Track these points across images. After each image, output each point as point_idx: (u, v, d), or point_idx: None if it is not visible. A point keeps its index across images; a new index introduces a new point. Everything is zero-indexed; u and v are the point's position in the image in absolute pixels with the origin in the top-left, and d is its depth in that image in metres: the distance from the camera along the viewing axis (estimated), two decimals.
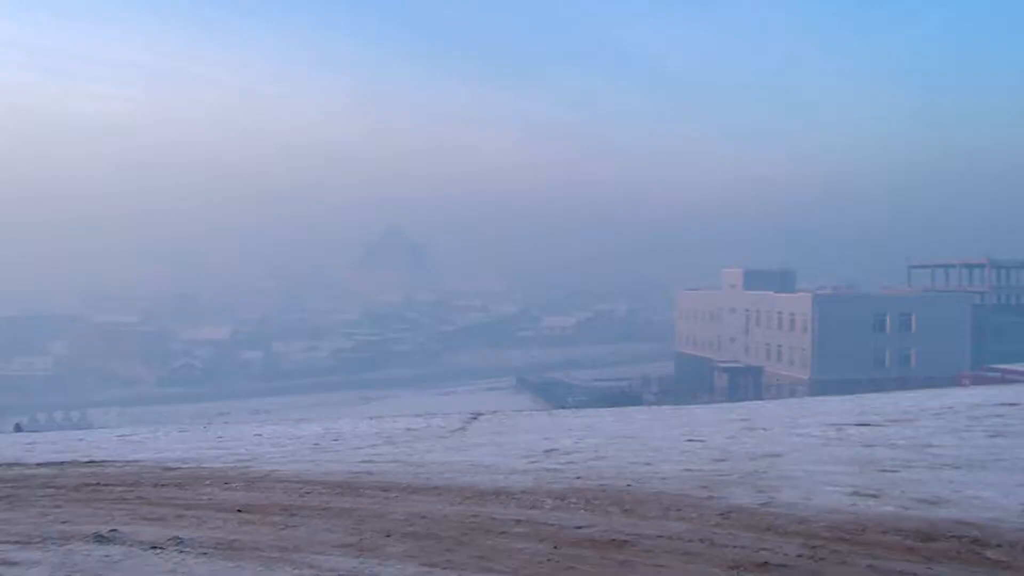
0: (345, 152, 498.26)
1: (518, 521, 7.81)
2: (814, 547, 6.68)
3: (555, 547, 6.95)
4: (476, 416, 18.72)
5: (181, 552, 7.19)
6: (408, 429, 16.55)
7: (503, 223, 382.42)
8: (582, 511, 8.11)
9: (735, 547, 6.75)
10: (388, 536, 7.50)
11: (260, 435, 16.82)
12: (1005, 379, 60.55)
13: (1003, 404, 15.70)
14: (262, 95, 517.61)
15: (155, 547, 7.33)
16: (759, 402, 27.01)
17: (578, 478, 9.78)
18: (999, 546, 6.55)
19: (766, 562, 6.37)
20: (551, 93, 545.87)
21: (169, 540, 7.54)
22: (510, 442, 13.70)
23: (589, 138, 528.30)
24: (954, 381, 67.25)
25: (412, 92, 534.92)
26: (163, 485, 10.70)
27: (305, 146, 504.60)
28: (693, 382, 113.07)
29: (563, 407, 49.77)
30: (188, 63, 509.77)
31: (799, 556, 6.48)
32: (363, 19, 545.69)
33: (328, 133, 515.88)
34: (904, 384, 57.64)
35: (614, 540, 7.06)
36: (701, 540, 6.95)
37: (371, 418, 20.04)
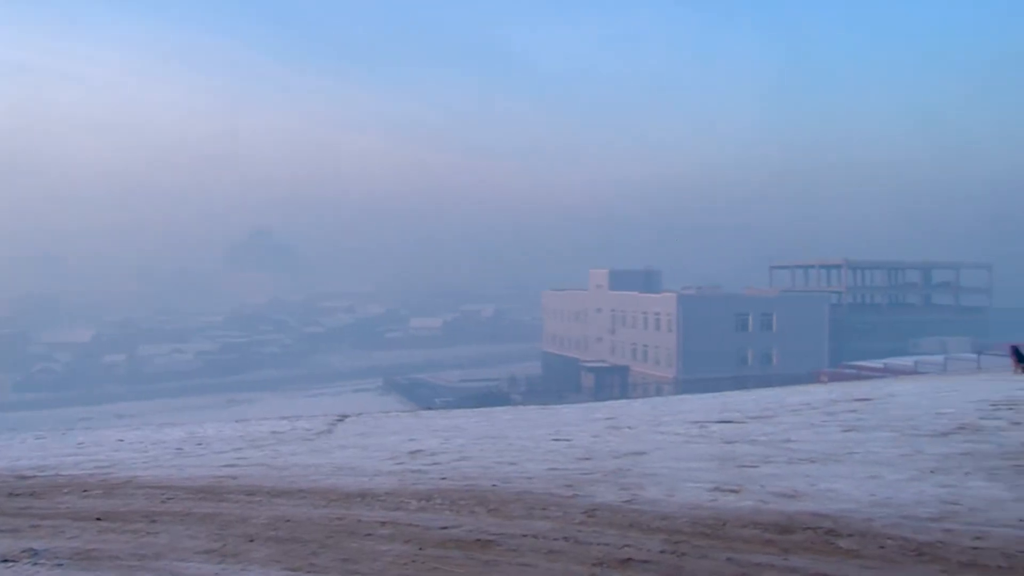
0: (211, 151, 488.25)
1: (383, 523, 7.77)
2: (676, 542, 6.78)
3: (420, 548, 6.93)
4: (342, 418, 18.56)
5: (35, 564, 6.97)
6: (273, 432, 16.34)
7: (372, 224, 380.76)
8: (447, 512, 8.10)
9: (599, 544, 6.81)
10: (251, 541, 7.39)
11: (122, 440, 16.41)
12: (861, 375, 62.21)
13: (857, 400, 16.14)
14: (124, 91, 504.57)
15: (6, 560, 7.09)
16: (624, 401, 27.28)
17: (443, 479, 9.77)
18: (851, 536, 6.75)
19: (629, 558, 6.44)
20: (422, 94, 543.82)
21: (23, 552, 7.31)
22: (376, 444, 13.62)
23: (459, 139, 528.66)
24: (813, 378, 68.90)
25: (281, 92, 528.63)
26: (17, 495, 10.35)
27: (170, 144, 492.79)
28: (560, 382, 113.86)
29: (430, 408, 49.69)
30: (46, 57, 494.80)
31: (662, 552, 6.57)
32: (229, 16, 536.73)
33: (193, 131, 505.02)
34: (766, 382, 58.81)
35: (479, 540, 7.07)
36: (565, 538, 7.00)
37: (236, 421, 19.72)
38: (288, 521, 8.02)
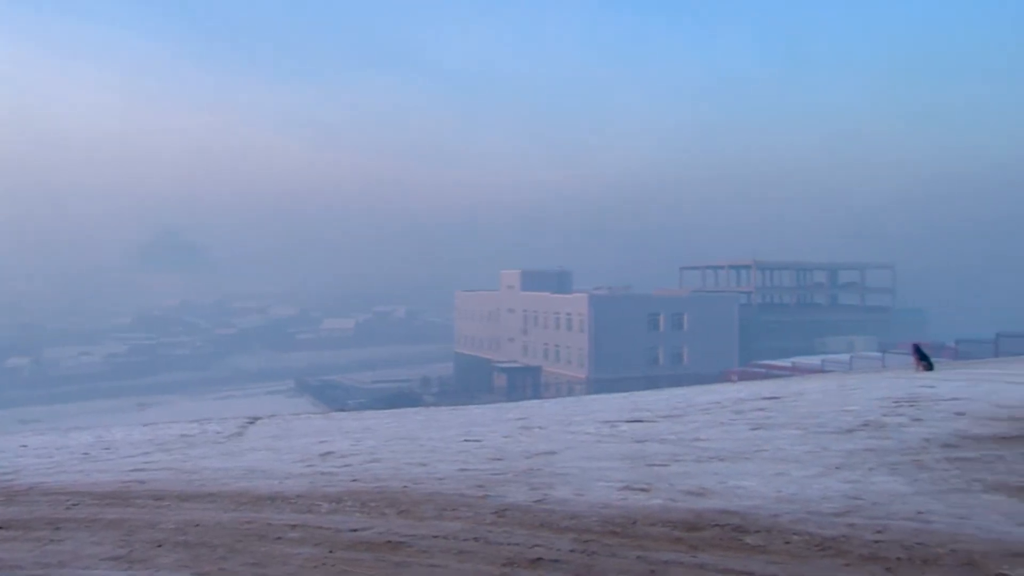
0: (122, 149, 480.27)
1: (293, 526, 7.72)
2: (586, 541, 6.83)
3: (330, 551, 6.90)
4: (253, 420, 18.40)
5: None
6: (183, 435, 16.14)
7: (284, 224, 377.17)
8: (358, 514, 8.07)
9: (509, 544, 6.83)
10: (159, 546, 7.29)
11: (25, 446, 16.08)
12: (769, 374, 63.07)
13: (765, 398, 16.36)
14: (26, 86, 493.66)
15: None
16: (536, 401, 27.38)
17: (354, 481, 9.72)
18: (758, 532, 6.85)
19: (539, 558, 6.47)
20: (336, 94, 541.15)
21: None
22: (287, 446, 13.52)
23: (372, 139, 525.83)
24: (723, 377, 69.76)
25: (191, 90, 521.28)
26: None
27: (77, 142, 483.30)
28: (472, 382, 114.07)
29: (342, 410, 49.42)
30: None
31: (571, 551, 6.61)
32: (143, 13, 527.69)
33: (99, 129, 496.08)
34: (677, 381, 59.38)
35: (389, 542, 7.05)
36: (476, 539, 7.01)
37: (145, 425, 19.44)
38: (197, 526, 7.92)
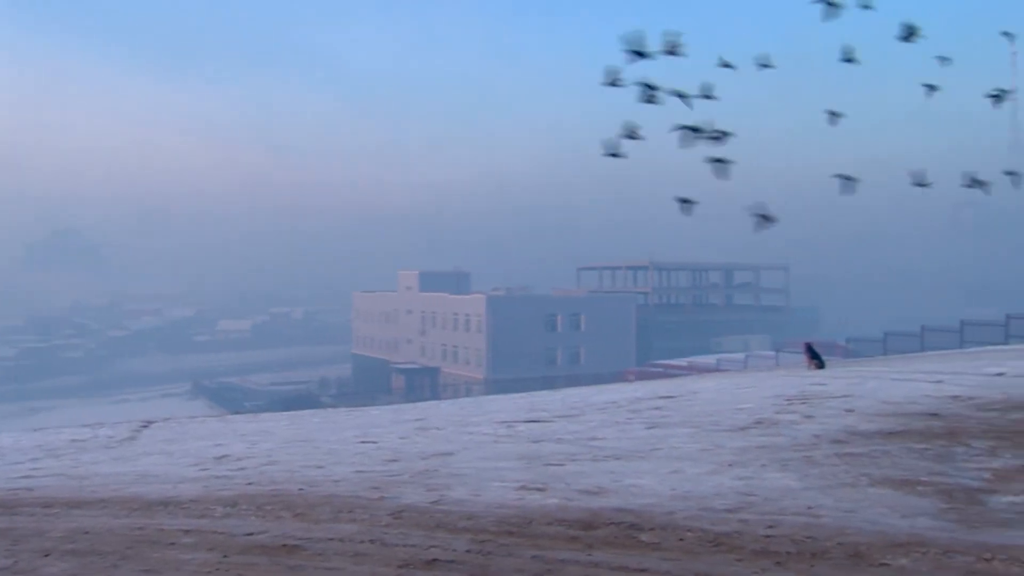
0: (8, 147, 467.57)
1: (187, 531, 7.61)
2: (482, 541, 6.85)
3: (225, 556, 6.83)
4: (147, 424, 18.07)
5: None
6: (73, 440, 15.79)
7: (179, 224, 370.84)
8: (253, 517, 7.99)
9: (405, 546, 6.83)
10: (47, 555, 7.14)
11: None
12: (666, 374, 63.76)
13: (661, 397, 16.52)
14: None
15: None
16: (434, 402, 27.34)
17: (249, 484, 9.63)
18: (652, 529, 6.94)
19: (435, 559, 6.48)
20: (232, 92, 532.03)
21: None
22: (181, 450, 13.32)
23: (269, 139, 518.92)
24: (620, 377, 70.29)
25: (84, 87, 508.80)
26: None
27: None
28: (370, 384, 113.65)
29: (239, 412, 48.90)
30: None
31: (468, 551, 6.63)
32: (28, 7, 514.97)
33: None
34: (574, 381, 59.74)
35: (285, 545, 7.00)
36: (372, 541, 6.99)
37: (35, 430, 18.98)
38: (87, 533, 7.77)
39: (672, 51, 13.60)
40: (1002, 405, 12.78)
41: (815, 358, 22.13)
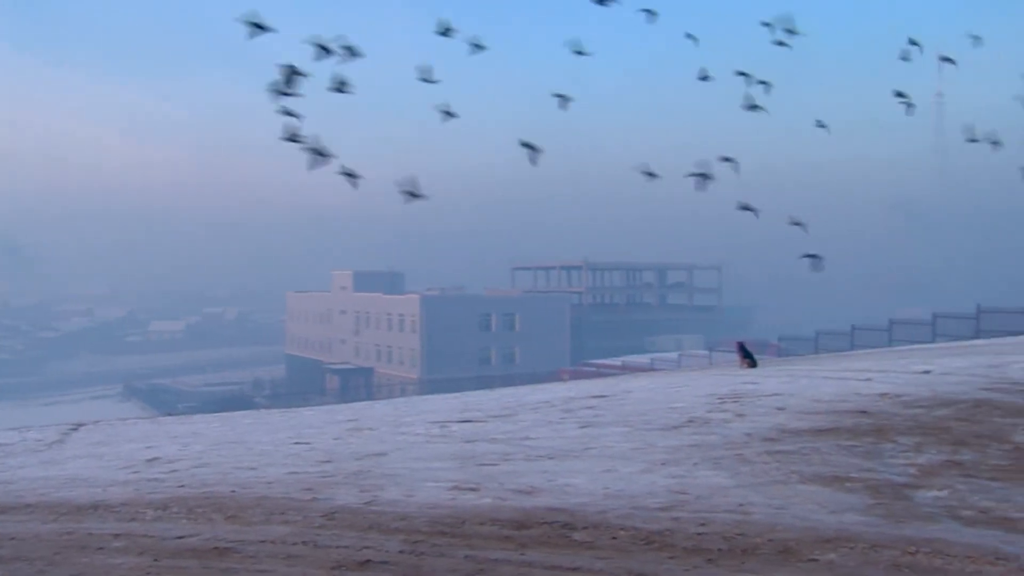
0: None
1: (116, 535, 7.51)
2: (415, 542, 6.84)
3: (155, 559, 6.75)
4: (77, 427, 17.80)
5: None
6: None
7: (110, 223, 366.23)
8: (184, 520, 7.91)
9: (338, 547, 6.80)
10: None
11: None
12: (600, 373, 64.13)
13: (594, 396, 16.58)
14: None
15: None
16: (368, 403, 27.24)
17: (181, 486, 9.52)
18: (585, 528, 6.97)
19: (368, 560, 6.46)
20: (165, 90, 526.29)
21: None
22: (111, 453, 13.14)
23: (200, 136, 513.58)
24: (554, 376, 70.55)
25: (9, 81, 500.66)
26: None
27: None
28: (304, 384, 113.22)
29: (171, 414, 48.43)
30: None
31: (400, 552, 6.62)
32: None
33: None
34: (509, 381, 59.84)
35: (216, 548, 6.94)
36: (304, 542, 6.95)
37: None
38: (12, 539, 7.63)
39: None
40: (928, 402, 12.99)
41: (747, 357, 22.33)
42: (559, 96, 16.15)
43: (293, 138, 14.95)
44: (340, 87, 14.70)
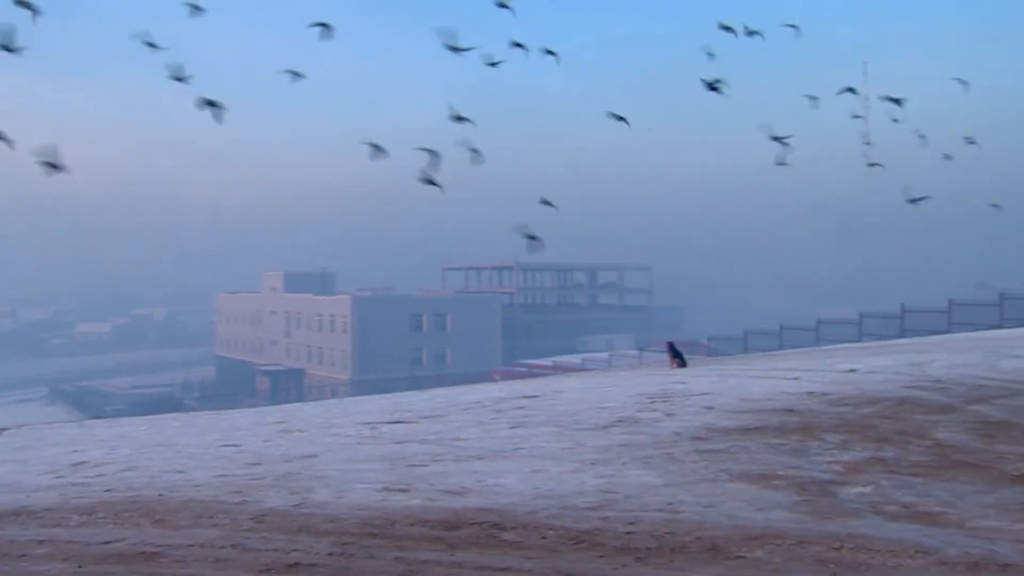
0: None
1: (40, 542, 7.40)
2: (344, 544, 6.82)
3: (80, 565, 6.66)
4: None
5: None
6: None
7: (33, 222, 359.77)
8: (111, 525, 7.81)
9: (267, 550, 6.76)
10: None
11: None
12: (531, 373, 64.22)
13: (525, 397, 16.63)
14: None
15: None
16: (298, 404, 27.10)
17: (107, 491, 9.40)
18: (515, 528, 6.99)
19: (297, 563, 6.43)
20: (90, 87, 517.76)
21: None
22: (35, 457, 12.94)
23: (126, 134, 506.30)
24: (486, 377, 70.59)
25: None
26: None
27: None
28: (235, 386, 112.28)
29: (99, 417, 47.76)
30: None
31: (330, 554, 6.59)
32: None
33: None
34: (440, 381, 59.74)
35: (143, 552, 6.87)
36: (233, 546, 6.90)
37: None
38: None
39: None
40: (854, 400, 13.19)
41: (677, 357, 22.51)
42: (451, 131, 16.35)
43: (178, 77, 15.01)
44: (178, 76, 14.70)
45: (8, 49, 13.85)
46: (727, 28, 20.41)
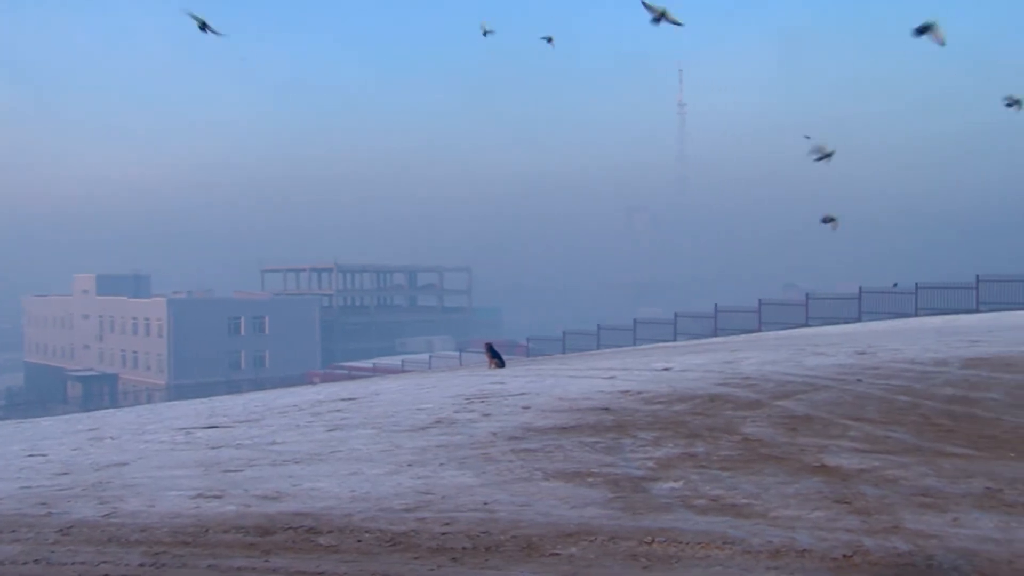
0: None
1: None
2: (156, 554, 6.67)
3: None
4: None
5: None
6: None
7: None
8: None
9: (74, 564, 6.56)
10: None
11: None
12: (351, 375, 63.98)
13: (343, 399, 16.57)
14: None
15: None
16: (110, 411, 26.39)
17: None
18: (331, 532, 6.95)
19: (107, 575, 6.28)
20: None
21: None
22: None
23: None
24: (305, 379, 70.02)
25: None
26: None
27: None
28: (45, 393, 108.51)
29: None
30: None
31: (141, 565, 6.44)
32: None
33: None
34: (259, 385, 59.07)
35: None
36: (37, 561, 6.67)
37: None
38: None
39: None
40: (667, 398, 13.54)
41: (495, 357, 22.72)
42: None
43: None
44: None
45: None
46: (548, 39, 20.84)
